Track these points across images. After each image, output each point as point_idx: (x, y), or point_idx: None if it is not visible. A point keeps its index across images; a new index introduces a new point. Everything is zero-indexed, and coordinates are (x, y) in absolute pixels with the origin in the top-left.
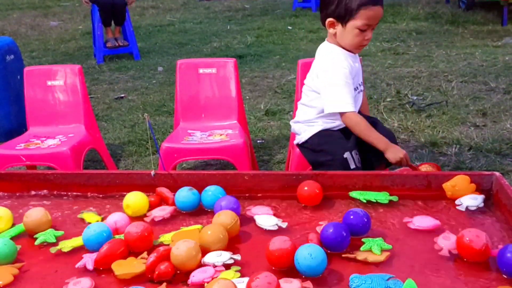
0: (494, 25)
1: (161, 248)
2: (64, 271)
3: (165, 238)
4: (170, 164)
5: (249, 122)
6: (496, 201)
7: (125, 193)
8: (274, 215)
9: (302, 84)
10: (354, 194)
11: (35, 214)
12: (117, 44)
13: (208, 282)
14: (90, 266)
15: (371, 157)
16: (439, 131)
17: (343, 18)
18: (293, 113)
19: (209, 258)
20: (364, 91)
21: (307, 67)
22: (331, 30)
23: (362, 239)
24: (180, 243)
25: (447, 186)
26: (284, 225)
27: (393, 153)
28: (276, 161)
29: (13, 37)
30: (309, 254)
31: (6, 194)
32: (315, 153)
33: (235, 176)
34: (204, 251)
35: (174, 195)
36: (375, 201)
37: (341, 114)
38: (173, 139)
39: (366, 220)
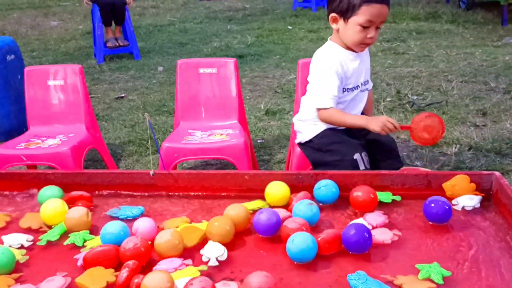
0: (494, 25)
1: (131, 262)
2: (66, 269)
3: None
4: (171, 164)
5: (249, 122)
6: (495, 200)
7: (125, 192)
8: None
9: (303, 83)
10: None
11: (75, 213)
12: (117, 44)
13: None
14: (78, 263)
15: (380, 163)
16: None
17: (346, 13)
18: (293, 112)
19: (206, 251)
20: (371, 91)
21: (307, 67)
22: (334, 26)
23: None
24: (163, 232)
25: (447, 185)
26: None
27: (376, 123)
28: (276, 160)
29: (14, 37)
30: (292, 240)
31: (6, 193)
32: (321, 153)
33: (235, 175)
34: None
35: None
36: (378, 200)
37: (318, 110)
38: (173, 138)
39: (447, 207)
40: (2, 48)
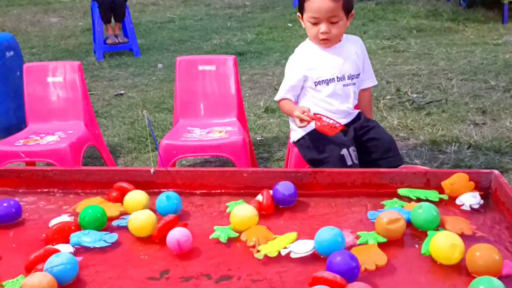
0: (495, 23)
1: None
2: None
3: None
4: (169, 161)
5: (248, 120)
6: (494, 199)
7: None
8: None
9: None
10: (402, 191)
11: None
12: (117, 41)
13: None
14: None
15: (380, 161)
16: (439, 129)
17: (301, 11)
18: None
19: (294, 247)
20: (369, 90)
21: None
22: (302, 24)
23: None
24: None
25: (446, 184)
26: None
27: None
28: (275, 158)
29: (13, 33)
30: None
31: (5, 190)
32: (311, 151)
33: (234, 173)
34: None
35: None
36: (425, 198)
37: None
38: (172, 136)
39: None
40: (1, 45)
